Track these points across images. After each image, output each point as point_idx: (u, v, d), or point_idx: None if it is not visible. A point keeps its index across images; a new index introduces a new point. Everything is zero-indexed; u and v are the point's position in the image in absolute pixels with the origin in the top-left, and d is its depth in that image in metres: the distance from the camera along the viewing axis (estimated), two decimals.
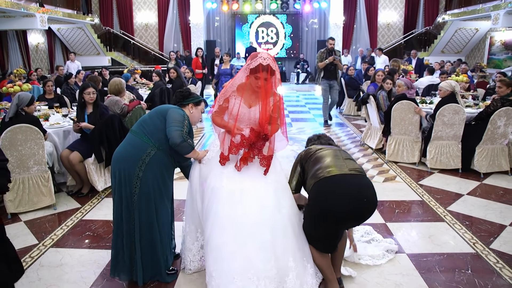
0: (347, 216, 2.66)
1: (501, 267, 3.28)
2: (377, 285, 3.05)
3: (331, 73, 8.60)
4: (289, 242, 2.78)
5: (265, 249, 2.69)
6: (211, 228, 2.78)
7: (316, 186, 2.72)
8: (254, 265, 2.66)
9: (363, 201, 2.64)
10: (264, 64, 2.78)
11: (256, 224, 2.74)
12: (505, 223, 4.08)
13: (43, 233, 3.93)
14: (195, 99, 3.16)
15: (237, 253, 2.68)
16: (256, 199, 2.81)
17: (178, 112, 2.98)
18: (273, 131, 2.84)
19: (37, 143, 4.30)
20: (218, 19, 18.27)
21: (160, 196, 2.98)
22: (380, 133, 6.53)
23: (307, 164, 2.93)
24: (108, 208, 4.50)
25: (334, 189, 2.66)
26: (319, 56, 8.62)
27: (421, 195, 4.83)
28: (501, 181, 5.28)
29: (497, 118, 5.33)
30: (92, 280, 3.14)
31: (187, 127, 2.96)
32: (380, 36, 18.01)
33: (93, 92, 4.72)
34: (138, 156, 2.90)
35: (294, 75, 17.88)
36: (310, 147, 3.09)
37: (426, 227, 4.03)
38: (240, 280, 2.62)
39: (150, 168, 2.91)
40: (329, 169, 2.72)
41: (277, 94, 2.91)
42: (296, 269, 2.75)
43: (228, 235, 2.72)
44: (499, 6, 11.77)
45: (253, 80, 2.84)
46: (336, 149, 2.98)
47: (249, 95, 2.91)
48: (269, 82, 2.82)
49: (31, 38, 14.30)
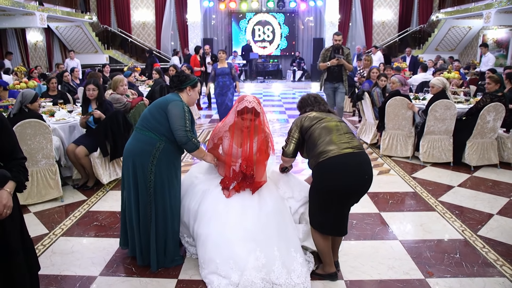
0: (351, 193, 2.85)
1: (487, 251, 3.50)
2: (372, 268, 3.25)
3: (336, 74, 7.15)
4: (272, 234, 3.03)
5: (248, 240, 2.98)
6: (199, 222, 3.13)
7: (321, 166, 2.82)
8: (238, 255, 2.94)
9: (364, 178, 2.83)
10: (249, 107, 3.12)
11: (239, 217, 3.06)
12: (493, 212, 4.30)
13: (53, 223, 4.10)
14: (192, 82, 3.28)
15: (221, 244, 2.98)
16: (240, 197, 3.17)
17: (177, 106, 3.09)
18: (261, 162, 3.20)
19: (46, 138, 4.46)
20: (214, 17, 18.43)
21: (172, 183, 3.18)
22: (374, 128, 6.74)
23: (308, 135, 2.97)
24: (113, 200, 4.68)
25: (339, 169, 2.78)
26: (322, 55, 7.22)
27: (414, 187, 5.04)
28: (490, 174, 5.51)
29: (486, 113, 5.55)
30: (103, 265, 3.32)
31: (189, 119, 3.12)
32: (375, 34, 18.23)
33: (93, 89, 4.84)
34: (149, 151, 3.08)
35: (290, 73, 18.07)
36: (308, 114, 3.07)
37: (418, 216, 4.24)
38: (223, 270, 2.92)
39: (162, 161, 3.10)
40: (333, 149, 2.80)
41: (265, 131, 3.23)
42: (281, 258, 2.96)
43: (213, 227, 3.03)
44: (491, 5, 12.00)
45: (240, 121, 3.18)
46: (336, 120, 3.02)
47: (239, 134, 3.24)
48: (253, 123, 3.15)
49: (30, 36, 14.40)
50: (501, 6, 11.44)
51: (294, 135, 3.07)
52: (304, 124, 3.02)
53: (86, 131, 5.08)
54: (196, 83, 3.33)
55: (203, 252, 3.04)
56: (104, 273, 3.21)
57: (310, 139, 2.95)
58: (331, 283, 3.05)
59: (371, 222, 4.08)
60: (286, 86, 16.83)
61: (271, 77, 18.62)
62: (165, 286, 3.04)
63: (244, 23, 18.66)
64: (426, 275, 3.14)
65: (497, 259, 3.37)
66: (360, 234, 3.82)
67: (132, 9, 18.05)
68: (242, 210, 3.11)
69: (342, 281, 3.08)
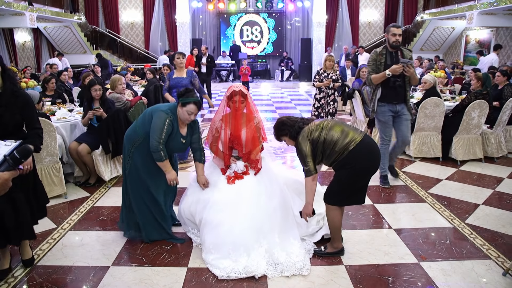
0: (376, 168, 3.28)
1: (474, 237, 3.76)
2: (369, 254, 3.47)
3: (398, 91, 4.75)
4: (275, 224, 3.35)
5: (255, 229, 3.28)
6: (209, 210, 3.38)
7: (353, 153, 3.12)
8: (248, 242, 3.23)
9: (379, 156, 3.30)
10: (236, 90, 3.51)
11: (249, 208, 3.36)
12: (479, 202, 4.58)
13: (60, 219, 4.22)
14: (183, 100, 3.42)
15: (235, 231, 3.25)
16: (250, 189, 3.47)
17: (160, 117, 3.36)
18: (255, 148, 3.57)
19: (50, 135, 4.58)
20: (201, 17, 18.55)
21: (148, 174, 3.55)
22: (365, 125, 6.98)
23: (320, 142, 3.18)
24: (116, 196, 4.80)
25: (368, 151, 3.18)
26: (373, 61, 4.77)
27: (405, 181, 5.29)
28: (475, 168, 5.80)
29: (471, 110, 5.83)
30: (113, 256, 3.47)
31: (166, 133, 3.38)
32: (361, 34, 18.60)
33: (100, 89, 5.04)
34: (132, 138, 3.55)
35: (278, 73, 18.31)
36: (309, 127, 3.24)
37: (410, 207, 4.48)
38: (235, 255, 3.18)
39: (139, 150, 3.53)
40: (355, 136, 3.14)
41: (257, 117, 3.60)
42: (281, 244, 3.30)
43: (225, 216, 3.31)
44: (473, 6, 12.42)
45: (232, 105, 3.52)
46: (333, 120, 3.36)
47: (233, 123, 3.56)
48: (241, 105, 3.51)
49: (18, 36, 14.35)
50: (483, 8, 11.85)
51: (307, 152, 3.22)
52: (314, 135, 3.21)
53: (87, 129, 5.21)
54: (186, 104, 3.39)
55: (214, 237, 3.27)
56: (116, 263, 3.36)
57: (325, 143, 3.18)
58: (332, 267, 3.27)
59: (366, 213, 4.31)
60: (275, 86, 17.06)
61: (259, 77, 18.84)
62: (175, 273, 3.21)
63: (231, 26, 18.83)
64: (420, 259, 3.38)
65: (484, 244, 3.63)
66: (356, 224, 4.04)
67: (120, 10, 18.09)
68: (252, 201, 3.39)
69: (342, 266, 3.30)
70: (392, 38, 4.62)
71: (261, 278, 3.10)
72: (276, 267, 3.17)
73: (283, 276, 3.13)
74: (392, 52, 4.73)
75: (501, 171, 5.66)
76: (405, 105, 4.86)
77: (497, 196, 4.79)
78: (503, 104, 6.04)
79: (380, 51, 4.76)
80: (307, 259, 3.27)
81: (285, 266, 3.16)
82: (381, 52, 4.75)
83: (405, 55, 4.72)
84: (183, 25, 17.05)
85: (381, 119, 4.94)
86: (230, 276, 3.09)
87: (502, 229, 3.91)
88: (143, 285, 3.07)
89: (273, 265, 3.18)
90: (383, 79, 4.68)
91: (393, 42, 4.64)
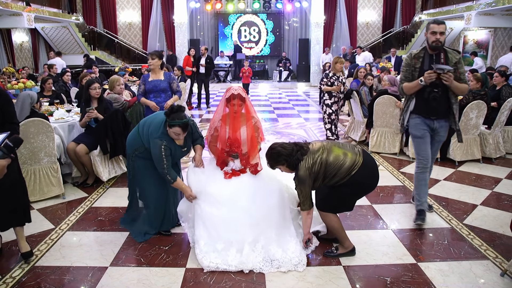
0: (376, 185, 3.40)
1: (472, 238, 3.77)
2: (367, 254, 3.48)
3: (436, 102, 3.78)
4: (272, 222, 3.42)
5: (253, 225, 3.35)
6: (203, 201, 3.48)
7: (356, 177, 3.18)
8: (245, 236, 3.32)
9: (378, 170, 3.42)
10: (235, 93, 3.54)
11: (248, 204, 3.43)
12: (477, 203, 4.58)
13: (58, 219, 4.21)
14: (170, 122, 3.41)
15: (232, 225, 3.35)
16: (247, 185, 3.53)
17: (155, 146, 3.46)
18: (253, 148, 3.59)
19: (48, 136, 4.57)
20: (199, 18, 18.54)
21: (149, 176, 3.71)
22: (363, 126, 6.99)
23: (321, 172, 3.19)
24: (114, 196, 4.81)
25: (369, 170, 3.28)
26: (406, 65, 3.93)
27: (403, 181, 5.30)
28: (473, 168, 5.81)
29: (469, 110, 5.84)
30: (112, 257, 3.46)
31: (166, 156, 3.45)
32: (359, 34, 18.62)
33: (99, 87, 5.06)
34: (134, 144, 3.70)
35: (276, 73, 18.32)
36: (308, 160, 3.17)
37: (408, 208, 4.48)
38: (225, 248, 3.30)
39: (141, 156, 3.68)
40: (356, 159, 3.20)
41: (254, 117, 3.65)
42: (277, 240, 3.37)
43: (224, 211, 3.40)
44: (471, 7, 12.45)
45: (230, 107, 3.57)
46: (328, 144, 3.33)
47: (231, 122, 3.59)
48: (239, 108, 3.56)
49: (15, 36, 14.31)
50: (481, 8, 11.89)
51: (308, 192, 3.23)
52: (315, 168, 3.18)
53: (85, 130, 5.20)
54: (173, 125, 3.39)
55: (206, 228, 3.39)
56: (114, 263, 3.36)
57: (327, 171, 3.20)
58: (331, 268, 3.27)
59: (365, 214, 4.31)
60: (273, 86, 17.08)
61: (257, 78, 18.84)
62: (174, 274, 3.20)
63: (229, 27, 18.83)
64: (418, 260, 3.38)
65: (481, 244, 3.64)
66: (354, 225, 4.05)
67: (118, 10, 18.07)
68: (248, 197, 3.45)
69: (340, 266, 3.30)
70: (432, 37, 3.69)
71: (259, 278, 3.11)
72: (272, 263, 3.24)
73: (281, 277, 3.13)
74: (432, 54, 3.79)
75: (499, 171, 5.67)
76: (446, 122, 3.93)
77: (495, 196, 4.80)
78: (501, 104, 6.05)
79: (416, 54, 3.85)
80: (303, 255, 3.33)
81: (281, 262, 3.23)
82: (418, 54, 3.84)
83: (449, 59, 3.75)
84: (181, 25, 17.03)
85: (415, 133, 3.98)
86: (219, 267, 3.19)
87: (500, 229, 3.92)
88: (141, 285, 3.06)
89: (269, 261, 3.25)
90: (417, 88, 3.80)
91: (432, 42, 3.70)
